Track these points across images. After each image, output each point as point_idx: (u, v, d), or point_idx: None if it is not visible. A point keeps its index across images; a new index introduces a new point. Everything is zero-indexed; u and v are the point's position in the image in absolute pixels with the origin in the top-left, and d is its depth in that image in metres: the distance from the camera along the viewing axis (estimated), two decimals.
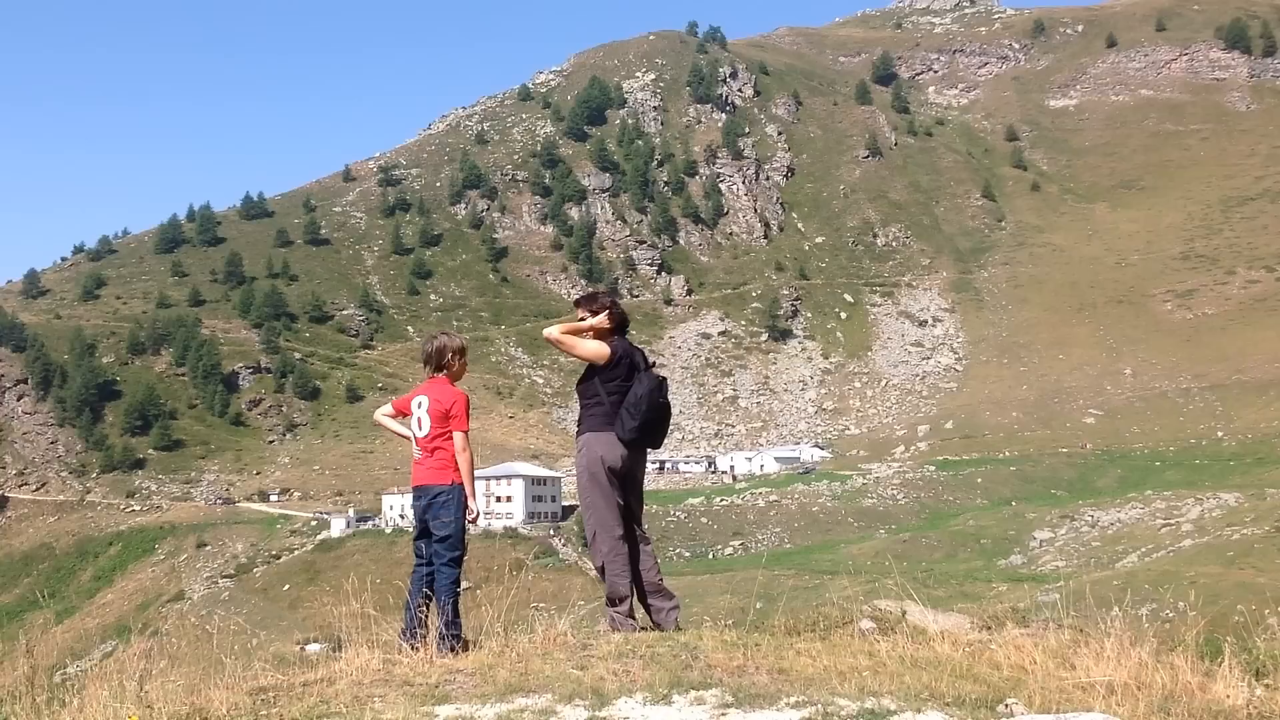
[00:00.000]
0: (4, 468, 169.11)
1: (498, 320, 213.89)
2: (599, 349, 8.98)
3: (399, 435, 8.95)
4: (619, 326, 9.20)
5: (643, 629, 8.74)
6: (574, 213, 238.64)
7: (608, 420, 8.86)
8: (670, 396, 9.11)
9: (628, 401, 8.83)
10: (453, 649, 7.95)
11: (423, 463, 8.58)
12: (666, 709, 6.39)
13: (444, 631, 8.12)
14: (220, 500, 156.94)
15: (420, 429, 8.60)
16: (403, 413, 8.83)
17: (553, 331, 9.14)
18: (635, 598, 8.91)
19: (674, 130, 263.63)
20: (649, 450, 9.12)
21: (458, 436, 8.50)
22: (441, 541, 8.46)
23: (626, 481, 8.97)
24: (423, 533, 8.59)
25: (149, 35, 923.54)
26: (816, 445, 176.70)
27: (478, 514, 8.48)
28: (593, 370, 9.02)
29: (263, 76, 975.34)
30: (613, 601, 8.82)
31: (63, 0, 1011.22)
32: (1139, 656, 7.31)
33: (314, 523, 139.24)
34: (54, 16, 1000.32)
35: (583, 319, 9.10)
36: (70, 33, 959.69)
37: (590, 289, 10.01)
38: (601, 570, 8.91)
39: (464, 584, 8.54)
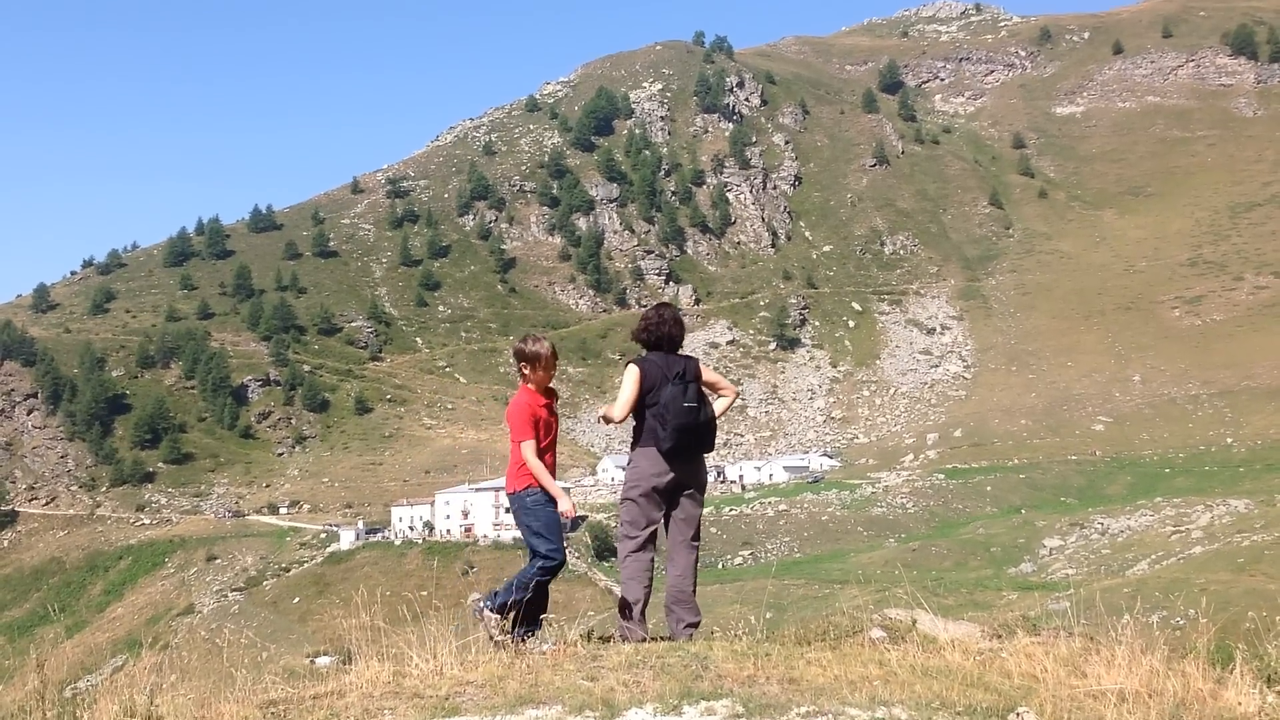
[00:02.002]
0: (14, 482, 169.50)
1: (506, 331, 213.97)
2: (623, 400, 8.98)
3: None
4: (650, 344, 9.18)
5: (657, 639, 8.73)
6: (582, 223, 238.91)
7: (651, 436, 8.93)
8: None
9: (656, 414, 8.90)
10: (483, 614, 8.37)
11: (507, 471, 8.89)
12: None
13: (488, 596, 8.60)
14: (230, 513, 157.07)
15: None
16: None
17: (610, 415, 9.01)
18: (644, 606, 8.91)
19: (681, 140, 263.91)
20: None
21: (523, 446, 8.68)
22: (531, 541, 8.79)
23: (677, 492, 9.04)
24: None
25: (157, 49, 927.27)
26: (825, 454, 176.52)
27: (571, 511, 8.78)
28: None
29: (271, 90, 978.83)
30: (621, 611, 8.86)
31: (71, 14, 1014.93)
32: (1150, 664, 7.29)
33: (323, 535, 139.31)
34: (62, 31, 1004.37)
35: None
36: (79, 47, 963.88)
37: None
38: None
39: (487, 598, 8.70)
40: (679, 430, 8.85)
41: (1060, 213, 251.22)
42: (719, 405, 9.25)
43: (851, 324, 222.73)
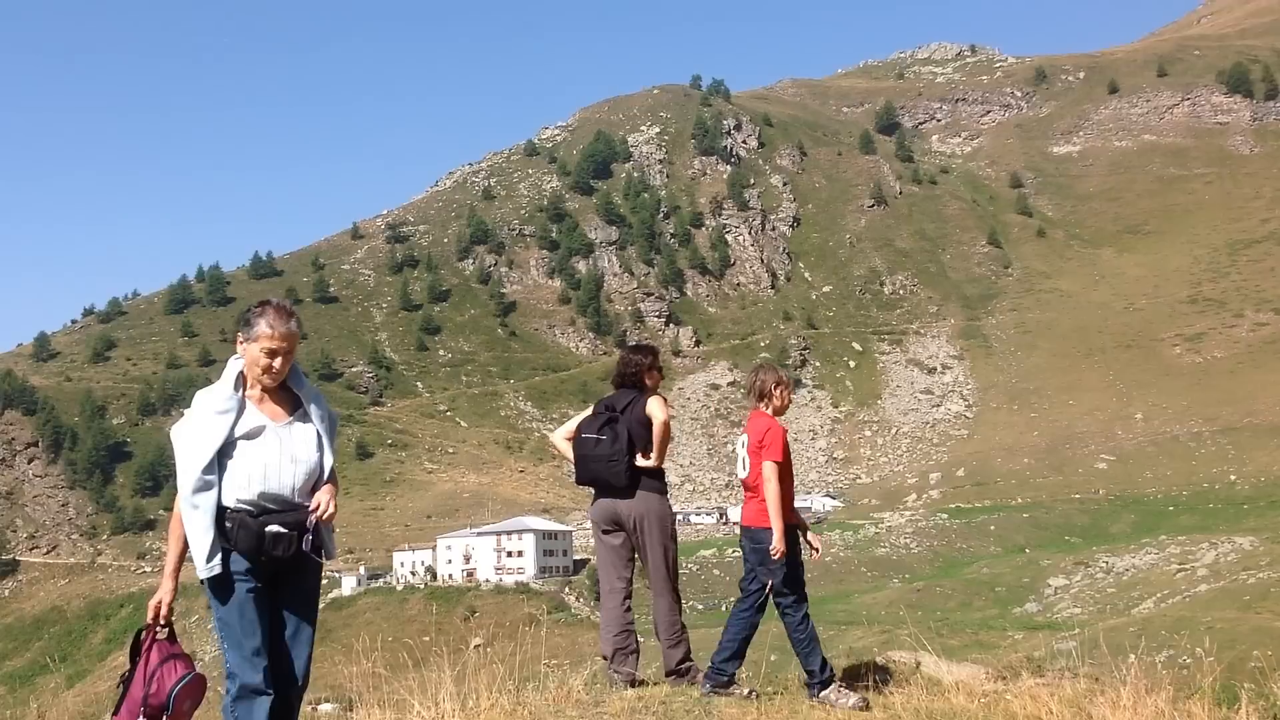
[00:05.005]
0: (15, 531, 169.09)
1: (507, 374, 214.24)
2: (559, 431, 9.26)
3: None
4: (617, 384, 9.22)
5: (643, 682, 8.68)
6: (581, 266, 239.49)
7: None
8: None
9: None
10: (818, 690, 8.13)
11: (748, 504, 8.55)
12: None
13: (807, 680, 8.33)
14: None
15: (742, 469, 8.59)
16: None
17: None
18: (614, 651, 8.82)
19: (679, 182, 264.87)
20: (634, 491, 8.84)
21: (765, 465, 8.35)
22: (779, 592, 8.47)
23: (627, 532, 8.90)
24: (750, 573, 8.56)
25: (155, 95, 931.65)
26: (828, 494, 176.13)
27: (780, 551, 8.28)
28: None
29: (270, 136, 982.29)
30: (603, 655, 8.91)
31: (68, 59, 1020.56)
32: (1156, 704, 7.26)
33: (325, 581, 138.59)
34: (61, 76, 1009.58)
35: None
36: (77, 94, 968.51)
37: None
38: None
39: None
40: (577, 461, 8.91)
41: (1059, 251, 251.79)
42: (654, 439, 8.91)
43: (852, 364, 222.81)
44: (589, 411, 9.07)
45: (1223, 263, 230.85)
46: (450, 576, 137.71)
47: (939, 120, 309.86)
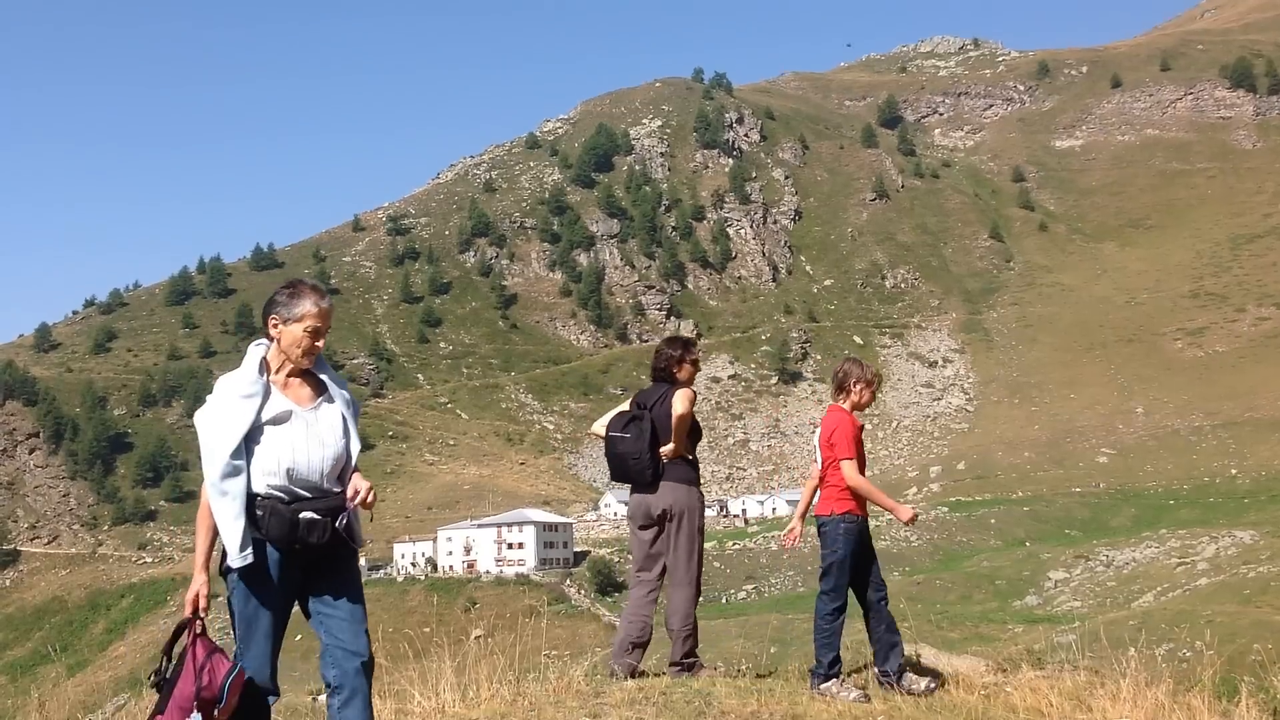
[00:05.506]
0: (16, 522, 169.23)
1: (508, 367, 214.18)
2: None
3: None
4: (652, 375, 9.40)
5: (659, 674, 8.69)
6: (582, 259, 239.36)
7: None
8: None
9: None
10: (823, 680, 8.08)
11: (820, 494, 8.63)
12: None
13: (812, 669, 8.32)
14: None
15: (818, 460, 8.68)
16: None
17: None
18: (627, 640, 8.85)
19: (681, 176, 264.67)
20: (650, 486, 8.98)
21: (843, 465, 8.40)
22: (822, 575, 8.47)
23: (654, 523, 8.99)
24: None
25: (156, 88, 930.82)
26: None
27: (912, 516, 8.61)
28: None
29: (271, 128, 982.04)
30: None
31: (70, 50, 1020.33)
32: (1155, 697, 7.27)
33: None
34: (61, 67, 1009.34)
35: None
36: (77, 87, 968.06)
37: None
38: None
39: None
40: (606, 458, 9.06)
41: (1061, 245, 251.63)
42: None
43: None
44: (625, 405, 9.10)
45: (1225, 257, 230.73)
46: (451, 568, 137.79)
47: (941, 114, 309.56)
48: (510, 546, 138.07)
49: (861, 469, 8.50)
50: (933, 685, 8.11)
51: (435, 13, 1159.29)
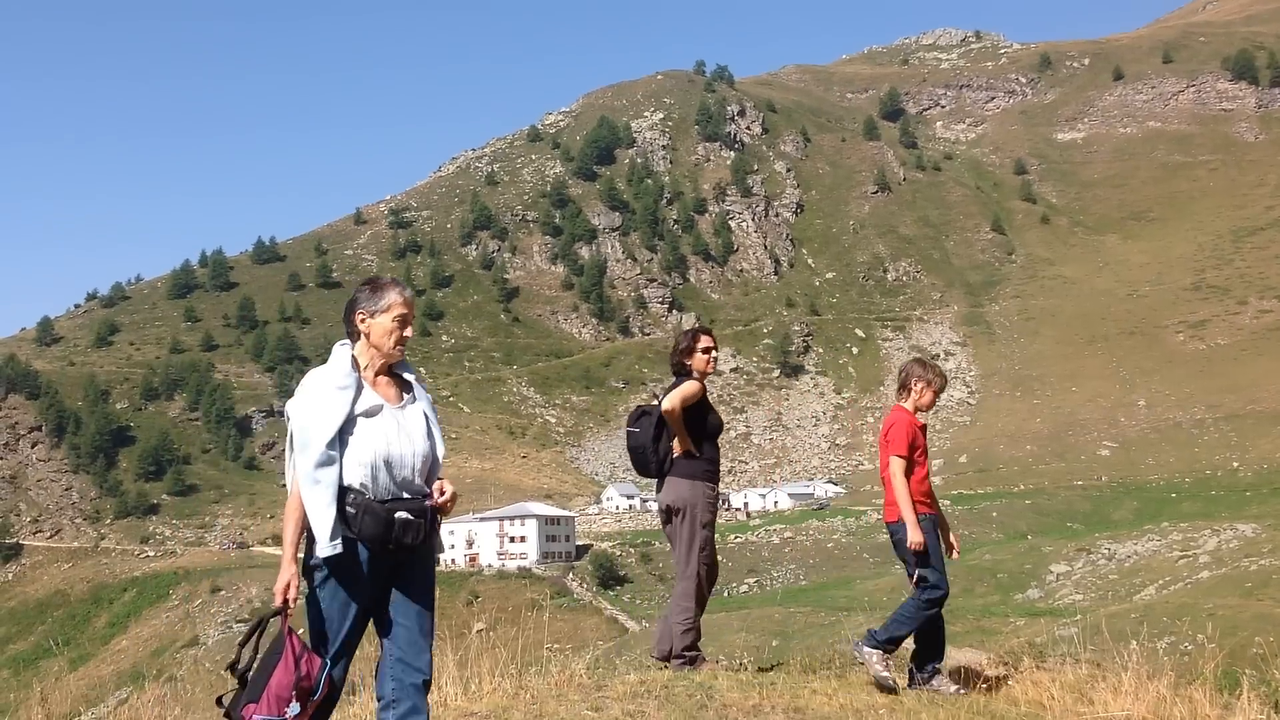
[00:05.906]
0: (19, 515, 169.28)
1: (510, 360, 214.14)
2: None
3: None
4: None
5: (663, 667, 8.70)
6: (584, 252, 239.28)
7: None
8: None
9: None
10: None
11: (886, 497, 8.52)
12: None
13: (867, 633, 8.26)
14: (234, 545, 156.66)
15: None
16: None
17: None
18: (665, 633, 8.87)
19: (683, 168, 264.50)
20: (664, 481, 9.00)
21: (892, 461, 8.37)
22: (916, 581, 8.36)
23: (669, 520, 9.06)
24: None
25: (158, 80, 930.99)
26: (830, 481, 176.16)
27: (916, 543, 8.23)
28: None
29: (273, 122, 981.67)
30: None
31: (73, 44, 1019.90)
32: (1157, 690, 7.27)
33: None
34: (64, 61, 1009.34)
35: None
36: (79, 81, 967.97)
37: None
38: None
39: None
40: (628, 451, 9.13)
41: (1063, 238, 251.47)
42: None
43: (855, 350, 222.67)
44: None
45: (1227, 250, 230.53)
46: (453, 561, 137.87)
47: (943, 106, 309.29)
48: (512, 540, 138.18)
49: (915, 468, 8.45)
50: (962, 691, 8.11)
51: (437, 6, 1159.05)
